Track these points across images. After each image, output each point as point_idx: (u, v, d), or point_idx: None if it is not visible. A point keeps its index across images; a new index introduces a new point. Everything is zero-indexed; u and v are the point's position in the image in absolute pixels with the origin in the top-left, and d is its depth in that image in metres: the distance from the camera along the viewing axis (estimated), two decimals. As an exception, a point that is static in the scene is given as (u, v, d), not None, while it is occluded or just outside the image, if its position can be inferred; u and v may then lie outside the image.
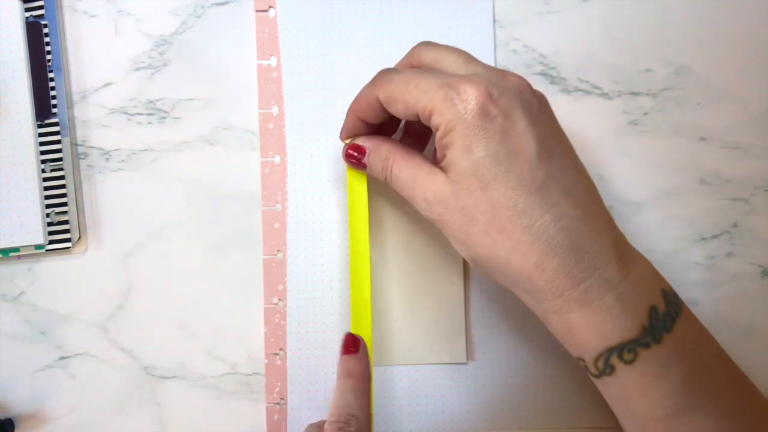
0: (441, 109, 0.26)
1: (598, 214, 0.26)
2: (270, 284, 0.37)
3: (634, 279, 0.26)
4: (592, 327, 0.25)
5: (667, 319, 0.25)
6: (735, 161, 0.37)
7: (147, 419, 0.37)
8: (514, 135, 0.26)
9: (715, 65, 0.37)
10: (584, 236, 0.25)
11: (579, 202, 0.26)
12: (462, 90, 0.26)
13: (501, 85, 0.26)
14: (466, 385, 0.36)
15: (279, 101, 0.37)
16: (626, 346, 0.25)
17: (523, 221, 0.25)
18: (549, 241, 0.25)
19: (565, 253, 0.25)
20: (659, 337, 0.25)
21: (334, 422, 0.29)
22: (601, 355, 0.25)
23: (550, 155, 0.26)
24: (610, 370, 0.25)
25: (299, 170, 0.37)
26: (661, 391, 0.25)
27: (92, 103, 0.37)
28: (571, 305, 0.25)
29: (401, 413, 0.36)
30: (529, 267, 0.25)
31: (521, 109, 0.26)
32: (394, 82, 0.28)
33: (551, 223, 0.25)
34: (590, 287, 0.25)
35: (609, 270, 0.25)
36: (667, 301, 0.26)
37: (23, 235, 0.36)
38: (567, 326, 0.26)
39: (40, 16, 0.36)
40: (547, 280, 0.25)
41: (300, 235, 0.37)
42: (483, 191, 0.26)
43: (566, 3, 0.37)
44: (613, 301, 0.25)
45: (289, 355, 0.36)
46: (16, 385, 0.37)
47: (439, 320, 0.36)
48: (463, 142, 0.26)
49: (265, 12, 0.37)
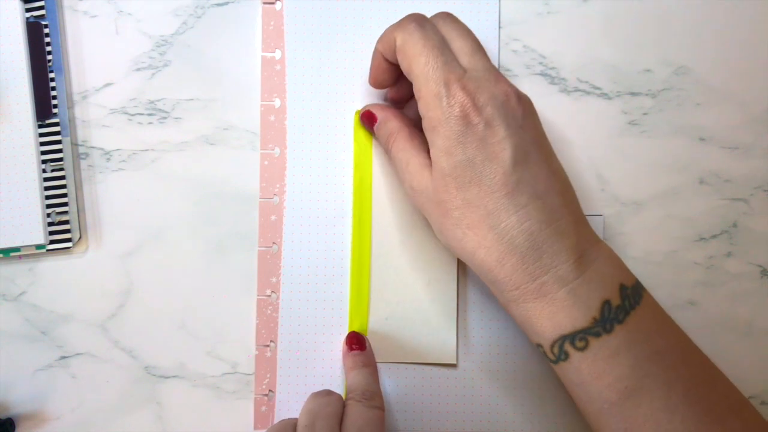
0: (430, 104, 0.28)
1: (564, 216, 0.28)
2: (264, 276, 0.37)
3: (590, 276, 0.28)
4: (547, 317, 0.28)
5: (620, 312, 0.28)
6: (735, 161, 0.37)
7: (147, 419, 0.37)
8: (493, 143, 0.28)
9: (715, 65, 0.37)
10: (545, 237, 0.28)
11: (547, 205, 0.28)
12: (453, 94, 0.28)
13: (489, 93, 0.28)
14: (455, 387, 0.36)
15: (281, 94, 0.37)
16: (577, 334, 0.27)
17: (490, 221, 0.28)
18: (511, 241, 0.28)
19: (524, 252, 0.27)
20: (611, 328, 0.27)
21: (359, 396, 0.32)
22: (556, 342, 0.28)
23: (526, 161, 0.28)
24: (565, 356, 0.28)
25: (298, 163, 0.37)
26: (612, 375, 0.27)
27: (93, 103, 0.37)
28: (527, 297, 0.28)
29: (389, 410, 0.36)
30: (491, 262, 0.28)
31: (503, 118, 0.28)
32: (414, 38, 0.29)
33: (516, 224, 0.28)
34: (545, 282, 0.28)
35: (564, 268, 0.28)
36: (623, 295, 0.28)
37: (24, 235, 0.36)
38: (525, 315, 0.28)
39: (41, 16, 0.36)
40: (506, 274, 0.28)
41: (296, 228, 0.37)
42: (458, 190, 0.28)
43: (566, 3, 0.37)
44: (565, 295, 0.27)
45: (279, 347, 0.37)
46: (16, 384, 0.37)
47: (430, 321, 0.36)
48: (443, 144, 0.28)
49: (272, 4, 0.37)
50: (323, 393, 0.34)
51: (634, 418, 0.27)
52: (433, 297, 0.36)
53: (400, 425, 0.36)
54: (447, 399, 0.36)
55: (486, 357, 0.37)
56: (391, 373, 0.37)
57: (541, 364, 0.37)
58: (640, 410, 0.27)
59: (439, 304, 0.36)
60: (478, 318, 0.37)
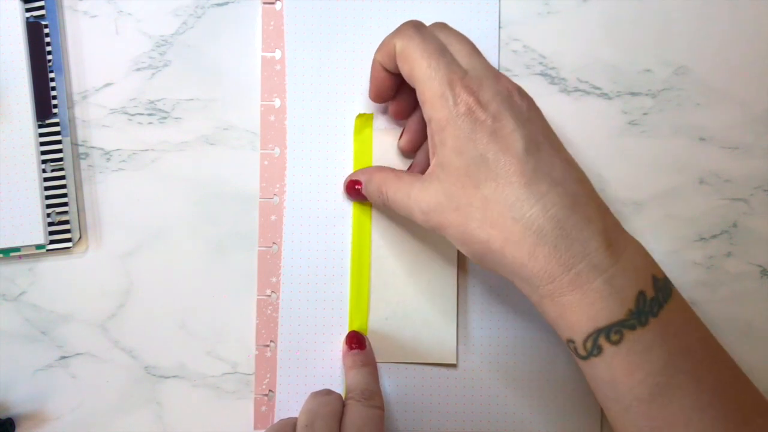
0: (435, 105, 0.28)
1: (587, 202, 0.28)
2: (264, 276, 0.37)
3: (624, 265, 0.27)
4: (582, 309, 0.27)
5: (654, 304, 0.27)
6: (735, 161, 0.37)
7: (147, 419, 0.37)
8: (503, 135, 0.27)
9: (715, 65, 0.37)
10: (573, 224, 0.27)
11: (568, 191, 0.27)
12: (458, 93, 0.28)
13: (492, 90, 0.28)
14: (455, 387, 0.36)
15: (281, 94, 0.37)
16: (613, 327, 0.26)
17: (513, 213, 0.27)
18: (539, 231, 0.26)
19: (555, 241, 0.26)
20: (645, 321, 0.27)
21: (358, 396, 0.32)
22: (590, 336, 0.27)
23: (538, 150, 0.28)
24: (598, 350, 0.27)
25: (298, 163, 0.37)
26: (645, 371, 0.26)
27: (93, 103, 0.37)
28: (563, 289, 0.27)
29: (389, 410, 0.36)
30: (523, 256, 0.27)
31: (509, 112, 0.28)
32: (414, 42, 0.29)
33: (540, 213, 0.27)
34: (580, 272, 0.26)
35: (598, 256, 0.27)
36: (656, 287, 0.27)
37: (24, 235, 0.36)
38: (560, 310, 0.27)
39: (41, 16, 0.36)
40: (540, 267, 0.27)
41: (296, 228, 0.37)
42: (475, 189, 0.28)
43: (566, 3, 0.37)
44: (601, 284, 0.26)
45: (279, 347, 0.37)
46: (16, 384, 0.37)
47: (430, 321, 0.36)
48: (454, 143, 0.28)
49: (272, 4, 0.37)
50: (322, 392, 0.34)
51: (663, 416, 0.26)
52: (433, 297, 0.36)
53: (400, 425, 0.36)
54: (447, 399, 0.36)
55: (486, 357, 0.37)
56: (391, 373, 0.37)
57: (541, 364, 0.37)
58: (670, 408, 0.26)
59: (439, 304, 0.36)
60: (478, 318, 0.37)
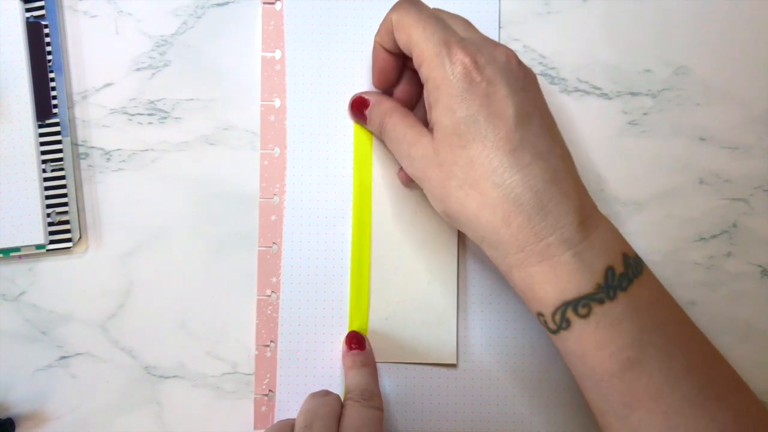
0: (431, 64, 0.28)
1: (566, 179, 0.28)
2: (264, 276, 0.37)
3: (593, 241, 0.27)
4: (550, 281, 0.27)
5: (623, 279, 0.27)
6: (735, 161, 0.37)
7: (147, 419, 0.37)
8: (496, 100, 0.28)
9: (715, 65, 0.37)
10: (550, 197, 0.27)
11: (550, 165, 0.27)
12: (454, 53, 0.28)
13: (489, 55, 0.28)
14: (455, 387, 0.36)
15: (281, 94, 0.37)
16: (581, 300, 0.27)
17: (494, 178, 0.27)
18: (516, 199, 0.27)
19: (530, 211, 0.27)
20: (614, 295, 0.27)
21: (357, 396, 0.32)
22: (558, 309, 0.27)
23: (528, 121, 0.28)
24: (566, 324, 0.27)
25: (298, 163, 0.37)
26: (614, 344, 0.27)
27: (93, 104, 0.37)
28: (532, 259, 0.27)
29: (389, 410, 0.36)
30: (496, 221, 0.27)
31: (505, 78, 0.28)
32: (410, 13, 0.30)
33: (520, 182, 0.27)
34: (551, 244, 0.27)
35: (570, 230, 0.27)
36: (626, 263, 0.28)
37: (24, 235, 0.36)
38: (528, 281, 0.28)
39: (41, 16, 0.36)
40: (511, 234, 0.27)
41: (296, 228, 0.37)
42: (462, 149, 0.28)
43: (566, 3, 0.37)
44: (570, 258, 0.27)
45: (279, 347, 0.37)
46: (16, 384, 0.37)
47: (430, 321, 0.36)
48: (446, 102, 0.28)
49: (272, 4, 0.37)
50: (321, 393, 0.34)
51: (634, 390, 0.27)
52: (433, 297, 0.36)
53: (400, 425, 0.36)
54: (447, 399, 0.36)
55: (486, 357, 0.37)
56: (391, 373, 0.37)
57: (541, 364, 0.37)
58: (641, 382, 0.27)
59: (439, 305, 0.36)
60: (478, 318, 0.37)
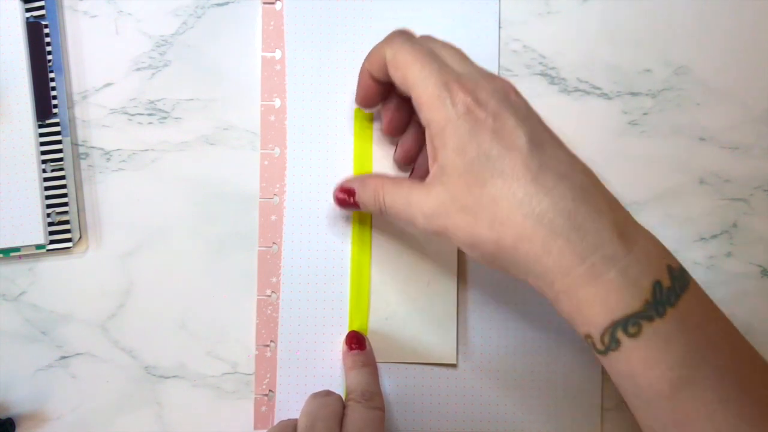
0: (433, 107, 0.28)
1: (596, 193, 0.27)
2: (264, 276, 0.37)
3: (637, 255, 0.26)
4: (598, 302, 0.26)
5: (671, 294, 0.26)
6: (735, 161, 0.37)
7: (147, 419, 0.37)
8: (505, 133, 0.27)
9: (715, 65, 0.37)
10: (584, 215, 0.26)
11: (576, 183, 0.27)
12: (455, 93, 0.27)
13: (489, 89, 0.28)
14: (455, 387, 0.36)
15: (281, 94, 0.37)
16: (630, 319, 0.26)
17: (523, 210, 0.26)
18: (551, 224, 0.26)
19: (568, 233, 0.26)
20: (663, 311, 0.26)
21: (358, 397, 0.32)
22: (607, 330, 0.26)
23: (542, 145, 0.27)
24: (616, 344, 0.26)
25: (298, 163, 0.37)
26: (665, 364, 0.26)
27: (93, 104, 0.37)
28: (578, 282, 0.26)
29: (389, 410, 0.36)
30: (537, 251, 0.26)
31: (509, 110, 0.28)
32: (405, 50, 0.29)
33: (550, 206, 0.26)
34: (594, 263, 0.26)
35: (611, 247, 0.26)
36: (672, 277, 0.27)
37: (24, 235, 0.36)
38: (576, 304, 0.27)
39: (41, 16, 0.36)
40: (554, 260, 0.26)
41: (296, 228, 0.37)
42: (481, 188, 0.27)
43: (566, 3, 0.37)
44: (616, 275, 0.26)
45: (279, 347, 0.37)
46: (16, 384, 0.37)
47: (430, 321, 0.36)
48: (455, 143, 0.27)
49: (272, 4, 0.37)
50: (323, 393, 0.34)
51: (686, 410, 0.26)
52: (433, 297, 0.36)
53: (400, 425, 0.36)
54: (447, 399, 0.36)
55: (486, 357, 0.37)
56: (391, 373, 0.37)
57: (540, 365, 0.37)
58: (693, 402, 0.26)
59: (439, 305, 0.36)
60: (478, 318, 0.37)
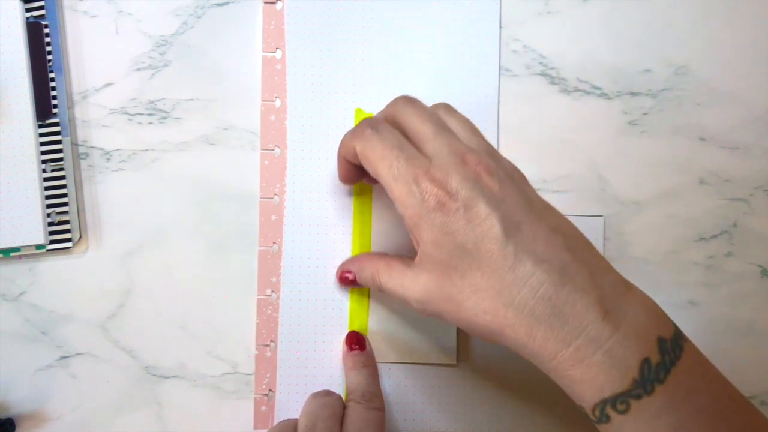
0: (405, 203, 0.28)
1: (578, 271, 0.27)
2: (264, 276, 0.37)
3: (625, 331, 0.26)
4: (587, 381, 0.26)
5: (660, 370, 0.26)
6: (735, 161, 0.37)
7: (147, 419, 0.37)
8: (478, 222, 0.27)
9: (715, 65, 0.37)
10: (564, 299, 0.26)
11: (554, 266, 0.27)
12: (424, 188, 0.27)
13: (460, 176, 0.27)
14: (455, 387, 0.36)
15: (282, 93, 0.37)
16: (618, 398, 0.26)
17: (503, 300, 0.27)
18: (531, 312, 0.26)
19: (549, 320, 0.26)
20: (651, 389, 0.26)
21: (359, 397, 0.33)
22: (597, 405, 0.26)
23: (518, 229, 0.27)
24: (606, 419, 0.26)
25: (299, 163, 0.37)
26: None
27: (93, 103, 0.37)
28: (566, 365, 0.26)
29: (389, 410, 0.36)
30: (521, 337, 0.27)
31: (481, 197, 0.27)
32: (372, 144, 0.29)
33: (529, 295, 0.26)
34: (579, 347, 0.26)
35: (595, 327, 0.26)
36: (662, 350, 0.26)
37: (24, 235, 0.36)
38: (567, 383, 0.27)
39: (41, 16, 0.36)
40: (539, 346, 0.27)
41: (296, 227, 0.37)
42: (462, 278, 0.28)
43: (566, 3, 0.37)
44: (602, 357, 0.26)
45: (279, 347, 0.37)
46: (16, 384, 0.37)
47: (430, 321, 0.36)
48: (430, 237, 0.28)
49: (273, 4, 0.37)
50: (323, 393, 0.33)
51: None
52: None
53: (400, 425, 0.36)
54: (447, 399, 0.36)
55: (486, 357, 0.37)
56: (391, 373, 0.37)
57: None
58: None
59: None
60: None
